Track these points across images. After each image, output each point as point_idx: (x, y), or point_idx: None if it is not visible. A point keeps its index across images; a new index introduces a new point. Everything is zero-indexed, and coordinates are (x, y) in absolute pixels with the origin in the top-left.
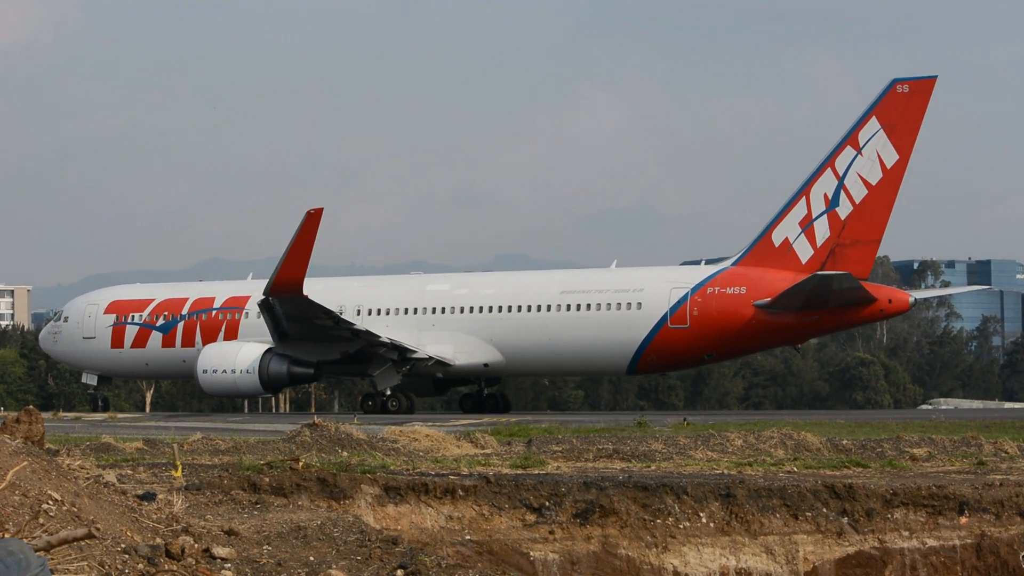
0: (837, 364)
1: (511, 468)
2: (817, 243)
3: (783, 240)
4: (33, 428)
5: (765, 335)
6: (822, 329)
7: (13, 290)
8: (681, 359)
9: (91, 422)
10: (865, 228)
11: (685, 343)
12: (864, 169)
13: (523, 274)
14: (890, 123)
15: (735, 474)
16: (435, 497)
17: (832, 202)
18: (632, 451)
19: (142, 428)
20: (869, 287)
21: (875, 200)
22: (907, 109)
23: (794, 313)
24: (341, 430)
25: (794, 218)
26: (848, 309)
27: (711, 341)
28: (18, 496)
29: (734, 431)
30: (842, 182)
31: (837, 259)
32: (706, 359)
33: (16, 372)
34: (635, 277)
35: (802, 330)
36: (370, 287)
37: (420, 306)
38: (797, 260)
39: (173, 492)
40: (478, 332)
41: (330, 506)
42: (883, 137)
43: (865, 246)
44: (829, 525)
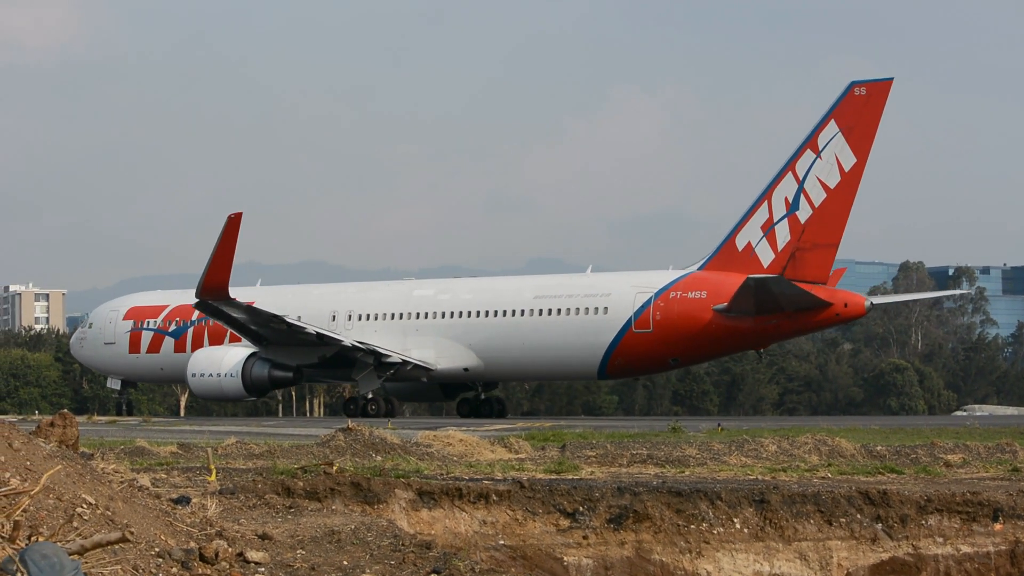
0: (871, 370)
1: (545, 473)
2: (778, 247)
3: (746, 244)
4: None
5: (725, 339)
6: (780, 334)
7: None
8: (647, 363)
9: (125, 426)
10: (824, 231)
11: (649, 347)
12: (823, 172)
13: (501, 279)
14: (848, 126)
15: (769, 480)
16: (469, 502)
17: (792, 206)
18: (666, 456)
19: (176, 432)
20: (825, 292)
21: (833, 203)
22: (864, 112)
23: (752, 317)
24: (375, 434)
25: (756, 222)
26: (804, 314)
27: (674, 345)
28: (52, 500)
29: (768, 437)
30: (802, 186)
31: (797, 263)
32: (671, 363)
33: (51, 376)
34: (603, 282)
35: (761, 334)
36: (362, 293)
37: (406, 311)
38: (759, 264)
39: (207, 496)
40: (458, 337)
41: (364, 510)
42: (841, 140)
43: (824, 249)
44: (863, 531)
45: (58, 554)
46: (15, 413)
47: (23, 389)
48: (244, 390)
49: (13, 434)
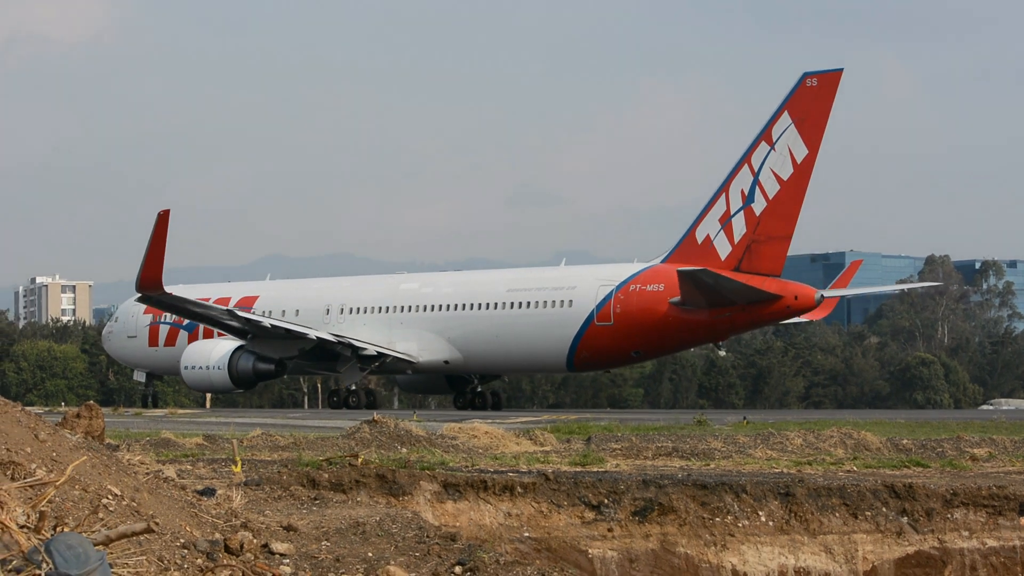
0: (898, 364)
1: (570, 466)
2: (735, 240)
3: (705, 237)
4: (93, 423)
5: (682, 332)
6: (735, 327)
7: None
8: (610, 356)
9: (151, 418)
10: (777, 224)
11: (611, 340)
12: (777, 164)
13: (480, 273)
14: (800, 117)
15: (794, 473)
16: (494, 494)
17: (748, 198)
18: (691, 449)
19: (202, 424)
20: (776, 284)
21: (787, 195)
22: (816, 103)
23: (706, 310)
24: (400, 427)
25: (715, 215)
26: (756, 306)
27: (634, 338)
28: (78, 491)
29: (794, 430)
30: (757, 178)
31: (752, 255)
32: (633, 356)
33: (77, 368)
34: (571, 275)
35: (716, 327)
36: (354, 287)
37: (393, 305)
38: (717, 257)
39: (232, 488)
40: (439, 330)
41: (389, 502)
42: (794, 132)
43: (777, 242)
44: (889, 525)
45: (83, 544)
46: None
47: (50, 381)
48: (231, 382)
49: (39, 425)
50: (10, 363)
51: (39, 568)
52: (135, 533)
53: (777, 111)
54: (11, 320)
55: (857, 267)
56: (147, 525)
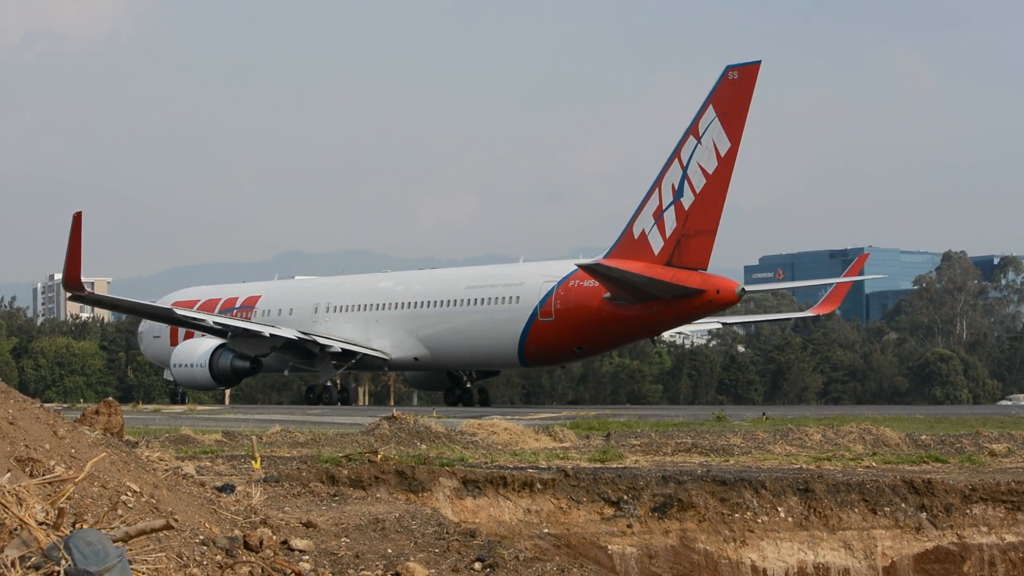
0: (916, 359)
1: (589, 462)
2: (666, 234)
3: (640, 232)
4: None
5: (617, 327)
6: (664, 321)
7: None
8: (555, 351)
9: (170, 414)
10: (704, 218)
11: (553, 335)
12: (703, 158)
13: (447, 270)
14: (723, 111)
15: (814, 469)
16: (513, 490)
17: (678, 193)
18: (711, 445)
19: (221, 420)
20: (700, 278)
21: (712, 189)
22: (737, 96)
23: (638, 305)
24: (420, 423)
25: (649, 210)
26: (682, 300)
27: (574, 334)
28: (97, 487)
29: (813, 426)
30: (685, 172)
31: (682, 250)
32: (576, 351)
33: (96, 364)
34: (521, 272)
35: (648, 322)
36: (339, 286)
37: (370, 303)
38: (651, 252)
39: (252, 484)
40: (409, 328)
41: (408, 499)
42: (718, 125)
43: (704, 236)
44: (908, 520)
45: (102, 541)
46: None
47: (68, 377)
48: (212, 379)
49: (58, 422)
50: (29, 360)
51: (58, 565)
52: (154, 530)
53: (704, 104)
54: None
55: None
56: (166, 522)
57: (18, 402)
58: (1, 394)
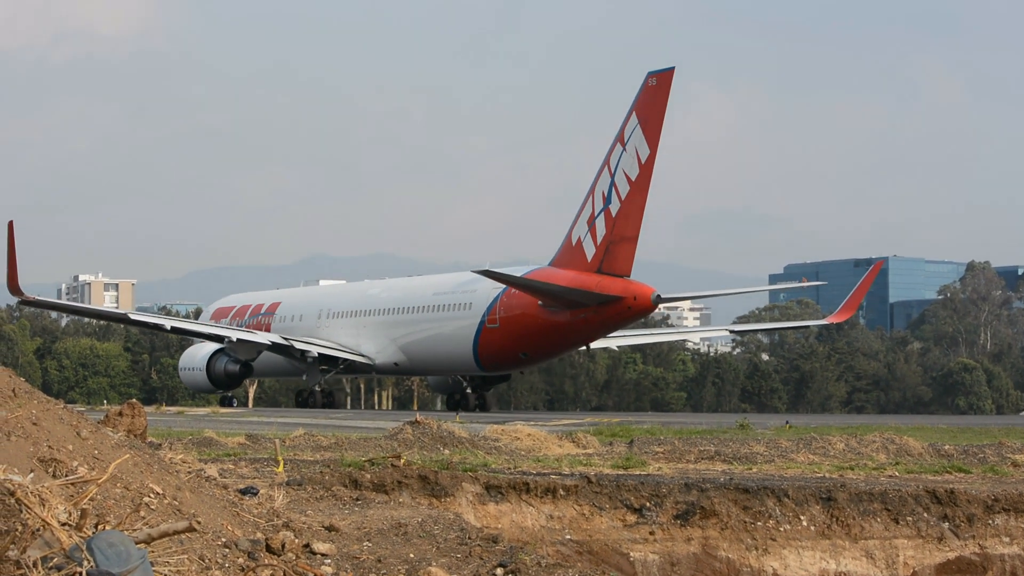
0: (940, 369)
1: (612, 468)
2: (597, 241)
3: (577, 239)
4: (136, 421)
5: (552, 334)
6: (592, 328)
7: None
8: (503, 357)
9: (193, 417)
10: (627, 225)
11: (499, 342)
12: (628, 166)
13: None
14: (644, 117)
15: (836, 478)
16: (536, 496)
17: (607, 199)
18: (734, 453)
19: (244, 423)
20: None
21: (635, 196)
22: (655, 102)
23: (568, 312)
24: (443, 428)
25: (584, 217)
26: (605, 307)
27: (517, 340)
28: (120, 489)
29: (836, 435)
30: (613, 179)
31: (610, 256)
32: (522, 358)
33: (119, 366)
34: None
35: (578, 328)
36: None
37: (360, 309)
38: (584, 259)
39: (274, 487)
40: (388, 334)
41: (431, 503)
42: (639, 132)
43: (628, 243)
44: (930, 530)
45: (125, 542)
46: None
47: (92, 379)
48: (209, 382)
49: (82, 423)
50: (52, 361)
51: (80, 566)
52: (177, 532)
53: (628, 111)
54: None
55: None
56: (189, 524)
57: (41, 403)
58: (25, 395)
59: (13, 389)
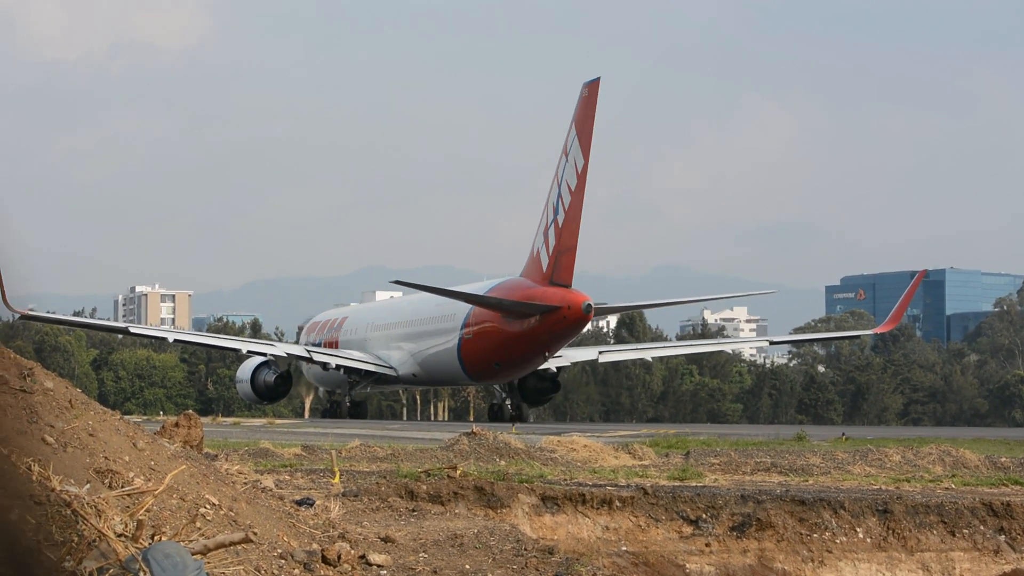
0: (997, 382)
1: (668, 480)
2: (550, 251)
3: (536, 250)
4: (192, 432)
5: (511, 344)
6: (539, 338)
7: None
8: (481, 367)
9: (250, 427)
10: (569, 235)
11: (475, 351)
12: (569, 176)
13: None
14: (580, 128)
15: (893, 490)
16: (592, 507)
17: (556, 211)
18: (790, 465)
19: (300, 434)
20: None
21: (575, 206)
22: (587, 112)
23: (520, 320)
24: (499, 439)
25: (541, 228)
26: (547, 317)
27: (487, 350)
28: (176, 500)
29: (892, 447)
30: (560, 191)
31: (557, 266)
32: (496, 367)
33: (176, 377)
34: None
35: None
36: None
37: (392, 322)
38: (541, 269)
39: (330, 498)
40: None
41: (487, 515)
42: (577, 143)
43: (569, 253)
44: (986, 543)
45: (181, 553)
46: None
47: (148, 390)
48: (254, 394)
49: (138, 434)
50: (109, 372)
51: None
52: (233, 543)
53: (570, 123)
54: None
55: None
56: (245, 535)
57: (98, 414)
58: (81, 406)
59: (70, 400)
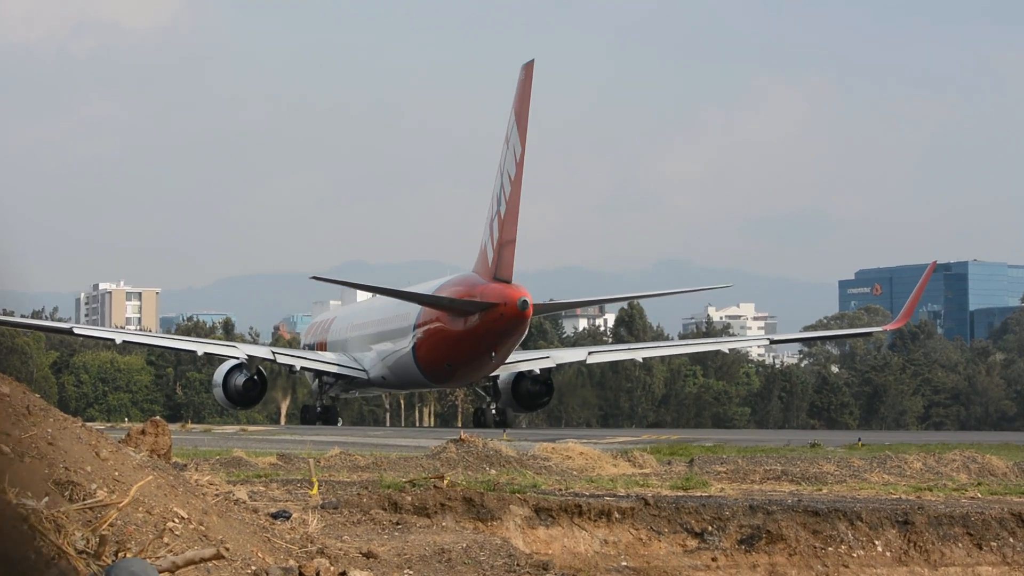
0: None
1: (671, 489)
2: (494, 245)
3: (483, 245)
4: (159, 440)
5: (456, 342)
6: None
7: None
8: (433, 367)
9: (222, 435)
10: (509, 227)
11: (427, 352)
12: (509, 165)
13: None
14: (518, 113)
15: (914, 499)
16: (589, 520)
17: (499, 203)
18: (802, 473)
19: (276, 442)
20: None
21: (514, 195)
22: (523, 96)
23: (462, 319)
24: (489, 446)
25: (487, 222)
26: (486, 314)
27: (437, 350)
28: (142, 513)
29: (913, 453)
30: (501, 182)
31: (500, 261)
32: (447, 368)
33: (142, 381)
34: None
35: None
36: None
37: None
38: (487, 264)
39: (308, 511)
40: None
41: (476, 528)
42: (515, 129)
43: (509, 246)
44: (1016, 556)
45: (147, 571)
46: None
47: (112, 394)
48: (227, 399)
49: (100, 442)
50: (70, 375)
51: None
52: (203, 559)
53: (511, 110)
54: None
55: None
56: (216, 551)
57: (58, 421)
58: (40, 412)
59: (27, 406)
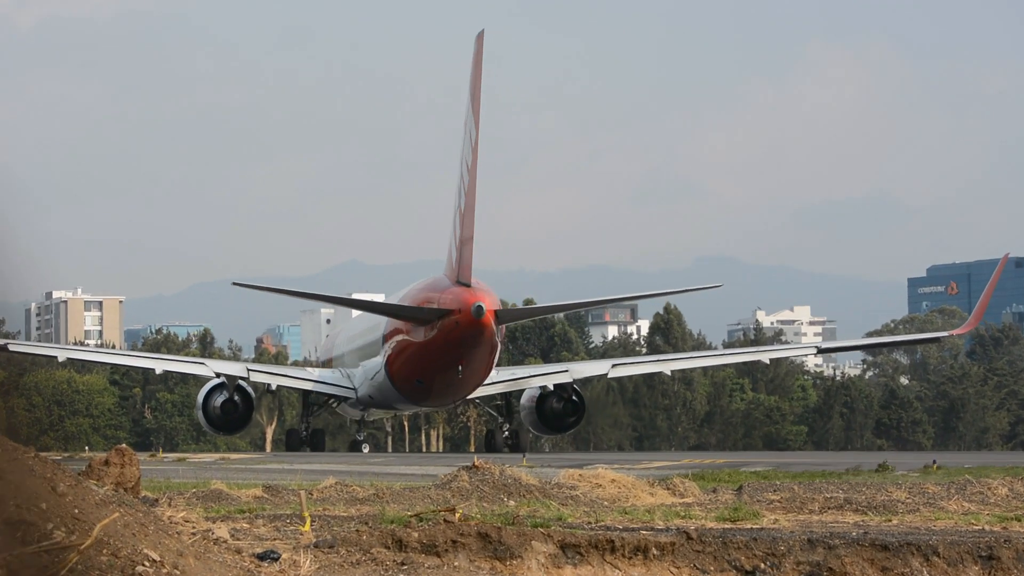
0: None
1: (717, 521)
2: (455, 245)
3: (449, 247)
4: (126, 472)
5: (420, 355)
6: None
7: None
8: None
9: (199, 464)
10: (468, 222)
11: (397, 367)
12: (467, 153)
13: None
14: (472, 92)
15: (999, 531)
16: (623, 557)
17: (459, 198)
18: (868, 501)
19: (261, 471)
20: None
21: (471, 187)
22: (475, 71)
23: (422, 328)
24: (507, 474)
25: (451, 221)
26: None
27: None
28: (107, 556)
29: (997, 477)
30: (461, 173)
31: (460, 260)
32: (418, 384)
33: (104, 403)
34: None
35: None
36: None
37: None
38: (452, 266)
39: (300, 550)
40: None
41: (493, 568)
42: (470, 110)
43: (467, 244)
44: None
45: None
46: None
47: (69, 420)
48: (208, 423)
49: (58, 475)
50: (20, 398)
51: None
52: None
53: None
54: None
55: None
56: None
57: (7, 451)
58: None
59: None
